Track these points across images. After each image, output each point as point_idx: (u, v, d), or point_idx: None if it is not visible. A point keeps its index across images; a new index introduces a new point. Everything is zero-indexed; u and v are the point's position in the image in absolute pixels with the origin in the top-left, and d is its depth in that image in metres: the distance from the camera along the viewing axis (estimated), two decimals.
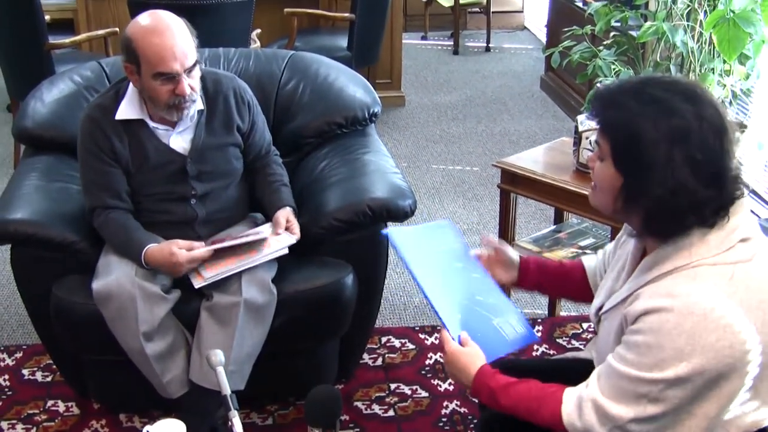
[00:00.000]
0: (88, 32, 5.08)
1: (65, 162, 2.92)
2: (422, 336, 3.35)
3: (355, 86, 3.17)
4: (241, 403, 1.94)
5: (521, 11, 8.38)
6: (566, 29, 3.94)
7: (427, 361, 3.19)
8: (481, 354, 1.91)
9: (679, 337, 1.56)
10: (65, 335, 2.67)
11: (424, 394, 3.02)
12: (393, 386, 3.06)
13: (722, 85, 3.37)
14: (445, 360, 1.95)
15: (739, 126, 3.24)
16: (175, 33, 2.51)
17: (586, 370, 1.81)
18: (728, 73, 3.39)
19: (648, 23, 3.45)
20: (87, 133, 2.64)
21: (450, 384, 3.05)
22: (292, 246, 2.65)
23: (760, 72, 3.39)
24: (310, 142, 3.10)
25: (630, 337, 1.65)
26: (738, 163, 1.64)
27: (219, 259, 2.58)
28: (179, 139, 2.68)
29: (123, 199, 2.66)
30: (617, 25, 3.76)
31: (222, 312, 2.54)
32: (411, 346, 3.29)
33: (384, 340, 3.32)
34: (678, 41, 3.37)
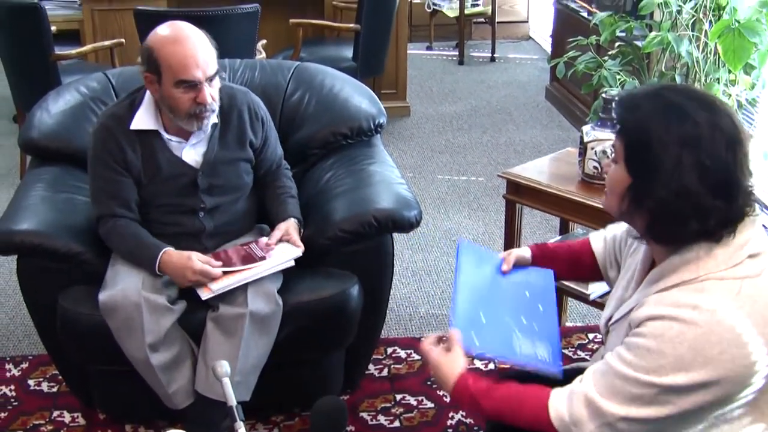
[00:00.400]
0: (94, 43, 5.08)
1: (71, 173, 2.93)
2: None
3: (361, 97, 3.18)
4: (247, 414, 1.94)
5: (526, 21, 8.39)
6: (571, 39, 3.94)
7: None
8: (461, 361, 1.86)
9: (681, 345, 1.56)
10: (71, 346, 2.67)
11: (429, 404, 3.02)
12: (399, 397, 3.05)
13: (728, 94, 3.36)
14: (431, 370, 1.93)
15: None
16: (198, 42, 2.53)
17: (566, 377, 1.83)
18: (733, 82, 3.38)
19: (653, 33, 3.45)
20: (100, 142, 2.64)
21: None
22: (297, 257, 2.65)
23: (765, 82, 3.39)
24: (316, 153, 3.10)
25: (632, 339, 1.65)
26: (751, 179, 1.64)
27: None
28: (192, 152, 2.68)
29: (131, 209, 2.66)
30: (622, 35, 3.76)
31: (228, 323, 2.54)
32: (417, 356, 3.28)
33: (390, 350, 3.32)
34: (683, 51, 3.37)
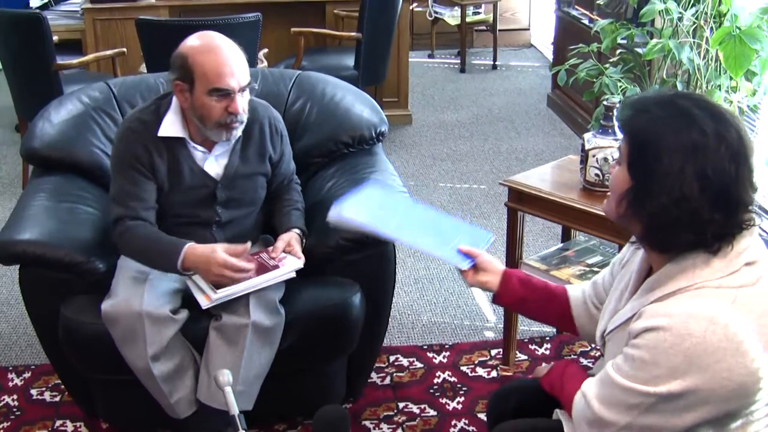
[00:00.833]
0: (96, 53, 5.10)
1: (73, 182, 2.93)
2: (430, 354, 3.34)
3: (362, 105, 3.18)
4: (249, 422, 1.94)
5: (528, 29, 8.40)
6: (572, 47, 3.95)
7: (436, 380, 3.18)
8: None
9: (676, 357, 1.57)
10: (73, 355, 2.67)
11: (432, 412, 3.01)
12: (401, 405, 3.05)
13: (729, 101, 3.36)
14: None
15: None
16: (233, 52, 2.53)
17: None
18: (735, 89, 3.38)
19: (654, 40, 3.45)
20: (126, 144, 2.62)
21: (458, 403, 3.05)
22: (298, 268, 2.64)
23: (766, 88, 3.39)
24: (317, 162, 3.10)
25: (629, 350, 1.66)
26: (754, 193, 1.63)
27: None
28: (214, 163, 2.68)
29: (152, 215, 2.63)
30: (623, 42, 3.77)
31: (230, 332, 2.54)
32: (419, 364, 3.28)
33: (392, 358, 3.31)
34: (684, 58, 3.37)
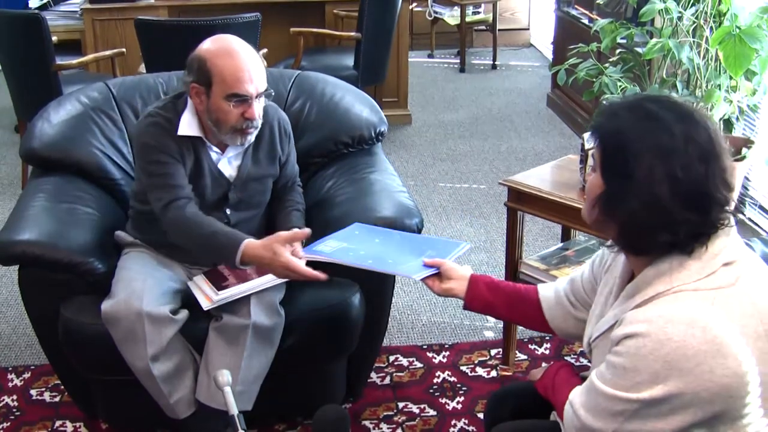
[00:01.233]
0: (96, 53, 5.10)
1: (73, 183, 2.93)
2: (430, 354, 3.34)
3: (362, 105, 3.18)
4: (249, 423, 1.94)
5: (527, 29, 8.40)
6: (572, 46, 3.94)
7: (435, 380, 3.17)
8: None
9: (656, 362, 1.57)
10: (73, 356, 2.66)
11: (432, 412, 3.01)
12: (401, 405, 3.05)
13: (729, 101, 3.36)
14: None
15: (746, 142, 3.23)
16: (252, 57, 2.53)
17: None
18: (735, 89, 3.37)
19: (654, 40, 3.45)
20: (153, 135, 2.59)
21: (458, 402, 3.04)
22: None
23: (766, 88, 3.38)
24: (317, 162, 3.10)
25: (611, 357, 1.66)
26: (728, 192, 1.62)
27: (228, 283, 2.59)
28: (228, 165, 2.69)
29: (193, 197, 2.60)
30: (623, 42, 3.76)
31: (230, 333, 2.54)
32: (419, 364, 3.28)
33: (392, 358, 3.31)
34: (684, 58, 3.37)
